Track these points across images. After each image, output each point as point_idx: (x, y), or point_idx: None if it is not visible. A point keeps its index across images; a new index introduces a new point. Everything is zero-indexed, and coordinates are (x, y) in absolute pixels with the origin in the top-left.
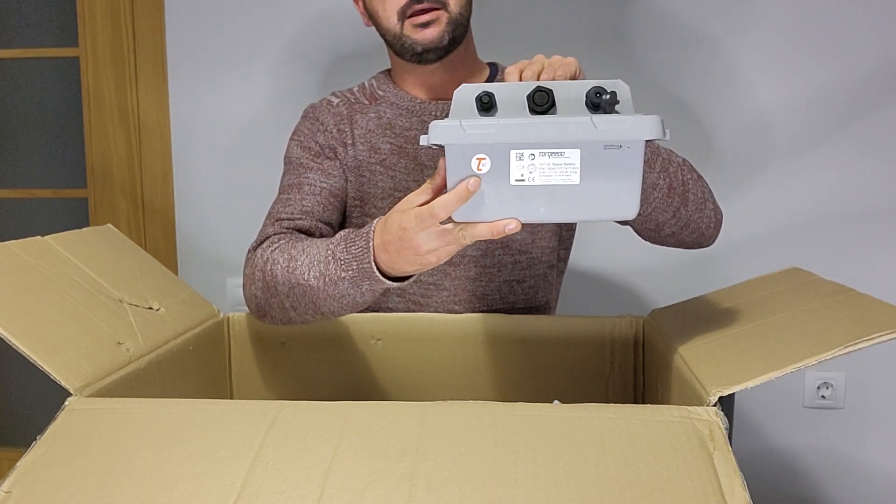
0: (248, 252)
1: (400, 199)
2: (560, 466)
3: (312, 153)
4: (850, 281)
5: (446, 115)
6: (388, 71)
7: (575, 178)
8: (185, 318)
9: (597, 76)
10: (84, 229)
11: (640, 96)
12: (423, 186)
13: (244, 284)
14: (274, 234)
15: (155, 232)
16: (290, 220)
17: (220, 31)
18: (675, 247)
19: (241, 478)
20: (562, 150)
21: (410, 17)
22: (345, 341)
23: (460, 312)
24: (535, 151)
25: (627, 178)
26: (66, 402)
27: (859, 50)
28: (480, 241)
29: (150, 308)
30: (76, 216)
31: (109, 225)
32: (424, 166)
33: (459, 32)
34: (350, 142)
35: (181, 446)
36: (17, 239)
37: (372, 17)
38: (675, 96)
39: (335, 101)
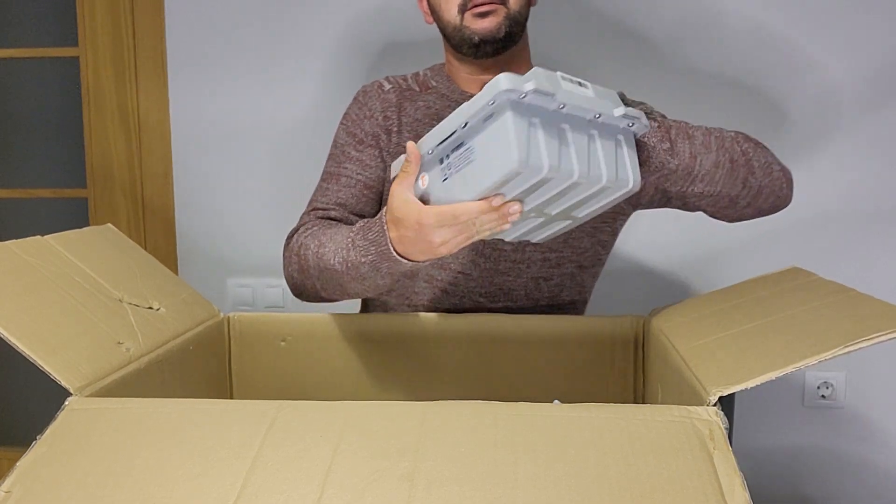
0: (287, 238)
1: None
2: (560, 466)
3: (356, 139)
4: (851, 281)
5: None
6: (443, 65)
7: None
8: (186, 318)
9: (594, 77)
10: (84, 229)
11: (641, 96)
12: (403, 171)
13: (283, 266)
14: (308, 222)
15: (155, 232)
16: (324, 209)
17: (220, 31)
18: (754, 217)
19: (241, 478)
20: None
21: (471, 8)
22: (345, 341)
23: (485, 304)
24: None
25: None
26: (66, 402)
27: (860, 49)
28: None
29: (151, 308)
30: (76, 216)
31: (109, 224)
32: None
33: (516, 30)
34: (396, 129)
35: (181, 446)
36: (16, 239)
37: (433, 11)
38: (674, 96)
39: (387, 86)
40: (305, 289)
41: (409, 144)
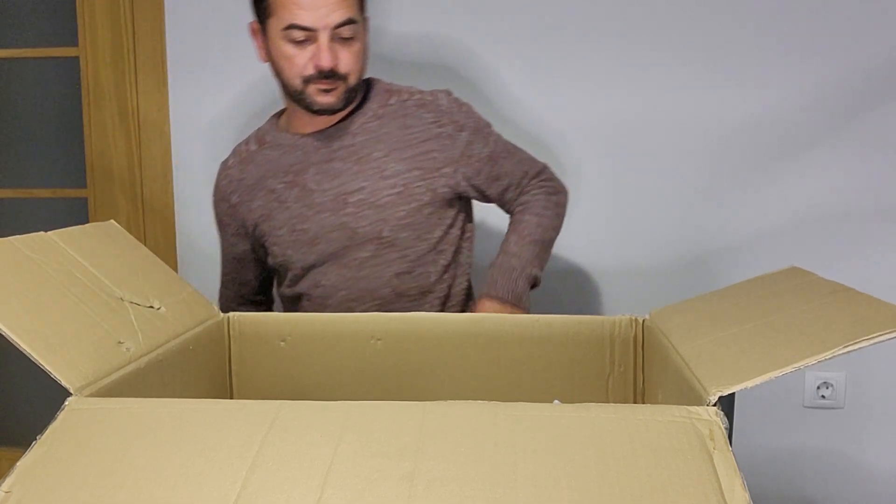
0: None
1: (295, 223)
2: (560, 466)
3: (219, 222)
4: (850, 280)
5: (324, 145)
6: (278, 115)
7: None
8: (186, 318)
9: (595, 76)
10: (87, 225)
11: (640, 96)
12: None
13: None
14: (221, 299)
15: (155, 231)
16: (224, 284)
17: (220, 30)
18: None
19: (241, 478)
20: None
21: (314, 82)
22: (345, 341)
23: (356, 309)
24: None
25: None
26: (66, 402)
27: (859, 49)
28: (367, 244)
29: (151, 307)
30: (76, 216)
31: (112, 221)
32: (312, 191)
33: (354, 94)
34: (248, 198)
35: (181, 446)
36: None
37: (273, 65)
38: (674, 96)
39: (230, 160)
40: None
41: None
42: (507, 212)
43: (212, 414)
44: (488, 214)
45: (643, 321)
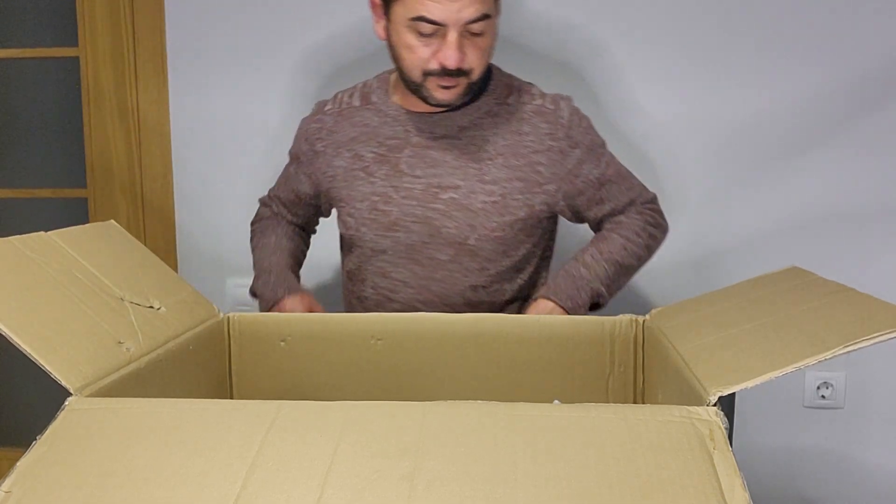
0: (259, 199)
1: (377, 202)
2: (560, 466)
3: (294, 155)
4: (850, 280)
5: (428, 129)
6: (389, 75)
7: None
8: (186, 318)
9: (593, 77)
10: (87, 225)
11: (639, 97)
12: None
13: (250, 223)
14: (263, 207)
15: (155, 232)
16: (271, 199)
17: (220, 30)
18: None
19: (241, 478)
20: None
21: (435, 77)
22: (345, 341)
23: (423, 310)
24: None
25: None
26: (67, 402)
27: (859, 49)
28: (448, 247)
29: (151, 307)
30: (76, 216)
31: (112, 221)
32: (403, 173)
33: (475, 90)
34: (332, 153)
35: (181, 446)
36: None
37: (392, 49)
38: (674, 97)
39: (328, 106)
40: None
41: None
42: (596, 230)
43: (212, 414)
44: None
45: (643, 321)
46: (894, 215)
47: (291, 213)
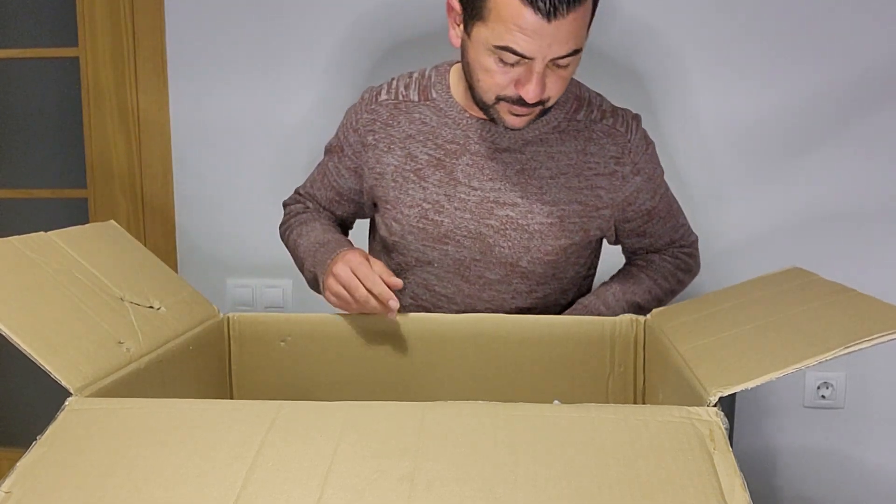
0: (284, 204)
1: (428, 210)
2: (560, 466)
3: (339, 148)
4: (851, 281)
5: (490, 138)
6: (450, 68)
7: None
8: (186, 318)
9: (592, 79)
10: (87, 225)
11: (638, 99)
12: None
13: (280, 224)
14: (293, 204)
15: (155, 232)
16: (304, 197)
17: (220, 30)
18: None
19: (241, 478)
20: None
21: (509, 103)
22: (345, 341)
23: None
24: None
25: None
26: (67, 402)
27: (859, 50)
28: (499, 267)
29: (151, 307)
30: (76, 216)
31: (112, 221)
32: (458, 182)
33: (545, 114)
34: (384, 147)
35: (181, 446)
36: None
37: (466, 64)
38: (673, 98)
39: (383, 96)
40: (286, 246)
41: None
42: (627, 257)
43: (212, 414)
44: None
45: (644, 321)
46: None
47: (330, 212)
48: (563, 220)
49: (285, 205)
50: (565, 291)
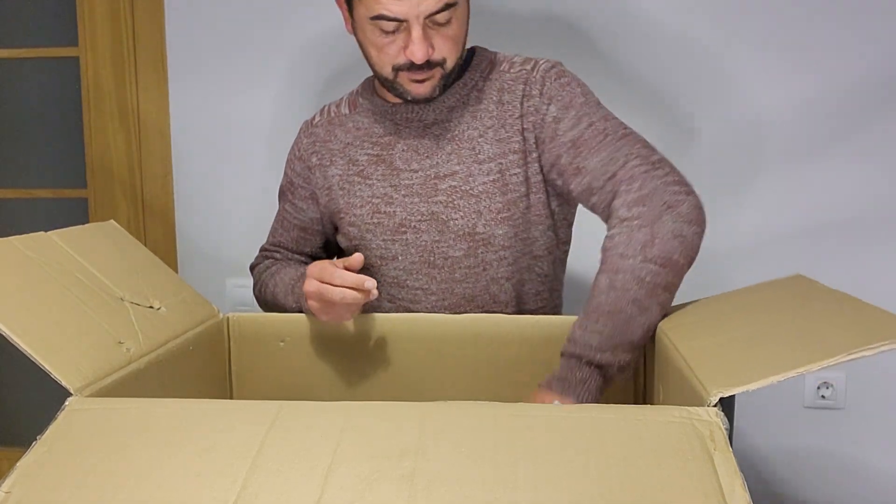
0: (250, 268)
1: (379, 203)
2: (560, 467)
3: (290, 182)
4: (855, 289)
5: (416, 118)
6: (373, 77)
7: None
8: (186, 318)
9: (593, 79)
10: (87, 225)
11: (637, 102)
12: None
13: (253, 290)
14: (261, 262)
15: (155, 232)
16: (271, 250)
17: (221, 30)
18: None
19: (241, 478)
20: None
21: (406, 71)
22: (345, 341)
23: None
24: None
25: None
26: (67, 402)
27: (859, 55)
28: (460, 240)
29: (151, 307)
30: (76, 216)
31: (112, 221)
32: (400, 170)
33: (451, 80)
34: (327, 162)
35: (181, 446)
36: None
37: (360, 47)
38: (672, 102)
39: (317, 118)
40: (265, 306)
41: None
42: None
43: (212, 414)
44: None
45: None
46: None
47: (300, 253)
48: (503, 175)
49: (252, 267)
50: (537, 258)
